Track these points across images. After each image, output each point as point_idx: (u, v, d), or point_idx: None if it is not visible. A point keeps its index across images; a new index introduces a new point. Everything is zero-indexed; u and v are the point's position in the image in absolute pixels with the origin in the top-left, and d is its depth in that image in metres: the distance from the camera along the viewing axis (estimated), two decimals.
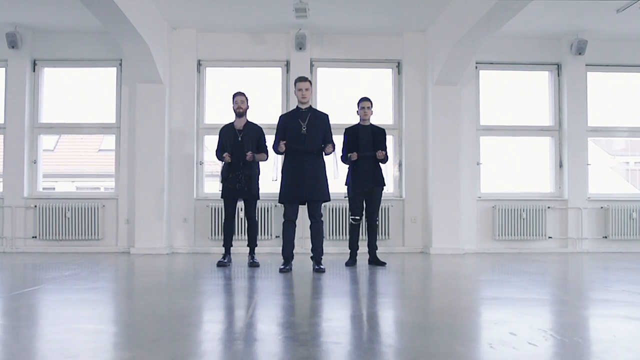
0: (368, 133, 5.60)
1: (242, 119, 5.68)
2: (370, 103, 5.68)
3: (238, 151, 5.54)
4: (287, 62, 7.61)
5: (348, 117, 7.28)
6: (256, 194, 5.61)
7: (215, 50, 7.63)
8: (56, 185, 12.94)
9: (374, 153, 5.49)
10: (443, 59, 6.87)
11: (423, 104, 7.55)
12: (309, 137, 5.00)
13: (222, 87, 7.58)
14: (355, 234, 5.63)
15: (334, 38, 7.64)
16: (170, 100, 7.41)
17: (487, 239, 7.54)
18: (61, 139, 13.18)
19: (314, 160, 5.00)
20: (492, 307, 3.57)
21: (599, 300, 3.82)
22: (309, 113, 5.10)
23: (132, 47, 6.56)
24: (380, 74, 7.85)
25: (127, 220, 7.41)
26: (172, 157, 7.42)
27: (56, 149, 13.51)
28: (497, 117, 7.83)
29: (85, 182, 13.09)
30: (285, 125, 5.10)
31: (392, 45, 7.67)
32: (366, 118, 5.65)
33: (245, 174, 5.53)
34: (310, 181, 4.94)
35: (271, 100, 7.71)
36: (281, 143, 4.97)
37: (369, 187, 5.55)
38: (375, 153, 5.49)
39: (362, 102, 5.67)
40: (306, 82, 5.10)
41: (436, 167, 7.22)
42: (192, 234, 7.43)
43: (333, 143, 5.11)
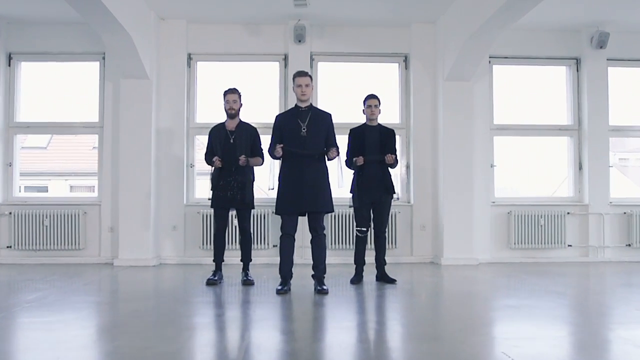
0: (375, 134, 5.02)
1: (234, 119, 5.09)
2: (378, 101, 5.09)
3: (230, 155, 4.95)
4: (285, 55, 7.01)
5: (351, 116, 6.72)
6: (250, 203, 5.01)
7: (207, 43, 7.02)
8: (49, 183, 12.57)
9: (383, 157, 4.91)
10: (455, 52, 6.29)
11: (432, 101, 6.96)
12: (309, 139, 4.41)
13: (215, 83, 6.97)
14: (361, 248, 5.04)
15: (336, 30, 7.05)
16: (157, 98, 6.80)
17: (502, 247, 6.97)
18: (54, 137, 12.59)
19: (315, 165, 4.42)
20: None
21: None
22: (310, 112, 4.51)
23: (114, 39, 5.95)
24: (386, 68, 7.26)
25: (111, 229, 6.81)
26: (160, 159, 6.81)
27: (49, 147, 13.02)
28: (512, 116, 7.25)
29: (80, 180, 12.52)
30: (283, 126, 4.51)
31: (399, 38, 7.08)
32: (373, 118, 5.06)
33: (237, 180, 4.94)
34: (311, 190, 4.36)
35: (268, 97, 7.12)
36: (278, 146, 4.37)
37: (377, 196, 4.96)
38: (383, 157, 4.90)
39: (368, 99, 5.08)
40: (306, 77, 4.51)
41: (447, 170, 6.64)
42: (182, 243, 6.83)
43: (337, 146, 4.52)
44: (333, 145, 4.49)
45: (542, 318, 3.73)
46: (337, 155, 4.47)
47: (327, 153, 4.44)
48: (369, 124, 5.08)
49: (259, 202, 6.16)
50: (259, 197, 6.29)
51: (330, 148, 4.43)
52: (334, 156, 4.45)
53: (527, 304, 4.24)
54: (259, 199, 6.09)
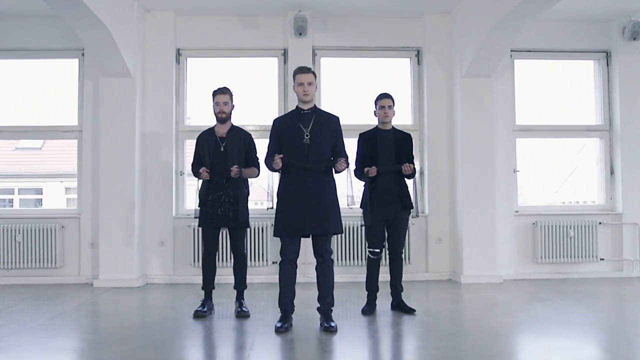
0: (389, 140, 4.31)
1: (225, 123, 4.40)
2: (392, 101, 4.39)
3: (220, 165, 4.26)
4: (284, 50, 6.32)
5: (358, 117, 6.05)
6: (244, 222, 4.31)
7: (198, 37, 6.32)
8: (44, 185, 12.15)
9: (399, 167, 4.21)
10: (475, 45, 5.59)
11: (449, 100, 6.26)
12: (314, 148, 3.71)
13: (206, 81, 6.26)
14: (374, 272, 4.34)
15: (340, 21, 6.34)
16: (142, 98, 6.10)
17: (526, 261, 6.27)
18: None
19: (320, 179, 3.72)
20: None
21: None
22: (314, 116, 3.80)
23: (90, 34, 5.27)
24: (396, 64, 6.55)
25: (92, 244, 6.11)
26: (145, 166, 6.11)
27: (44, 148, 12.51)
28: (535, 116, 6.55)
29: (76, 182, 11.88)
30: (282, 133, 3.81)
31: (411, 30, 6.38)
32: (387, 120, 4.36)
33: (229, 195, 4.24)
34: (316, 208, 3.66)
35: (265, 97, 6.43)
36: (276, 157, 3.67)
37: (392, 212, 4.26)
38: (400, 166, 4.20)
39: (381, 99, 4.37)
40: (309, 74, 3.82)
41: (466, 176, 5.94)
42: (171, 260, 6.13)
43: (346, 156, 3.82)
44: (342, 154, 3.79)
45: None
46: (346, 167, 3.76)
47: (335, 165, 3.74)
48: (381, 128, 4.39)
49: (255, 214, 5.49)
50: (255, 208, 5.63)
51: (338, 158, 3.72)
52: (343, 168, 3.74)
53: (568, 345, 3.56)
54: (255, 209, 5.43)
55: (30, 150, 12.52)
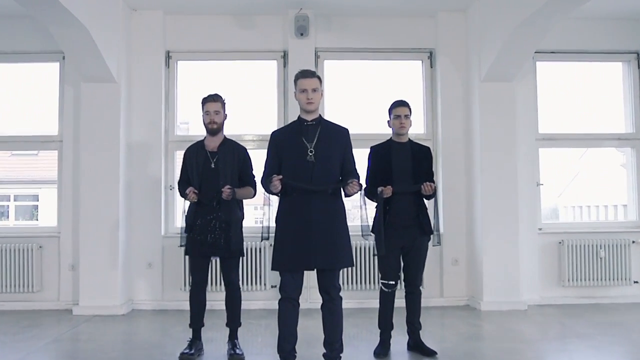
0: (406, 154, 3.73)
1: (216, 136, 3.84)
2: (408, 109, 3.82)
3: (210, 185, 3.69)
4: (284, 52, 5.76)
5: (364, 126, 5.54)
6: (238, 250, 3.73)
7: (189, 39, 5.78)
8: (39, 192, 11.76)
9: (418, 186, 3.63)
10: (496, 47, 5.02)
11: (465, 106, 5.69)
12: (319, 166, 3.14)
13: (199, 86, 5.71)
14: (388, 308, 3.73)
15: (345, 20, 5.79)
16: (128, 105, 5.55)
17: (552, 285, 5.67)
18: None
19: (327, 204, 3.14)
20: None
21: None
22: (319, 128, 3.23)
23: (66, 34, 4.72)
24: (407, 67, 5.99)
25: (72, 266, 5.54)
26: (131, 180, 5.55)
27: (40, 154, 12.01)
28: (560, 124, 5.98)
29: None
30: (282, 148, 3.24)
31: (423, 30, 5.83)
32: (403, 132, 3.78)
33: (221, 219, 3.67)
34: (322, 238, 3.08)
35: (263, 105, 5.87)
36: (274, 178, 3.10)
37: (410, 238, 3.67)
38: (419, 186, 3.62)
39: (396, 108, 3.80)
40: (313, 79, 3.25)
41: (486, 191, 5.36)
42: (159, 283, 5.56)
43: (358, 176, 3.25)
44: (352, 174, 3.21)
45: None
46: (358, 190, 3.18)
47: (345, 187, 3.16)
48: (396, 140, 3.80)
49: (251, 232, 4.90)
50: (251, 226, 5.07)
51: (348, 179, 3.13)
52: (355, 192, 3.15)
53: None
54: (251, 228, 4.87)
55: (26, 157, 12.19)
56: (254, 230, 5.07)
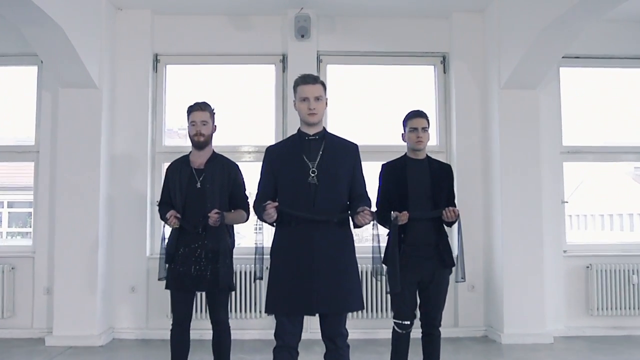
0: (424, 173, 3.21)
1: (203, 151, 3.33)
2: (426, 121, 3.30)
3: (195, 208, 3.18)
4: (283, 56, 5.27)
5: (370, 138, 5.04)
6: (227, 284, 3.20)
7: (180, 41, 5.29)
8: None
9: (439, 212, 3.10)
10: (520, 50, 4.50)
11: (483, 115, 5.17)
12: (323, 190, 2.60)
13: (190, 93, 5.21)
14: (402, 351, 3.18)
15: (350, 22, 5.31)
16: (111, 113, 5.05)
17: (578, 313, 5.11)
18: None
19: (332, 236, 2.60)
20: None
21: None
22: (323, 143, 2.71)
23: (39, 34, 4.24)
24: (417, 73, 5.49)
25: (47, 290, 5.01)
26: (113, 195, 5.04)
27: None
28: (585, 135, 5.46)
29: None
30: (278, 168, 2.70)
31: (436, 32, 5.33)
32: (420, 147, 3.26)
33: (207, 248, 3.16)
34: (326, 278, 2.54)
35: (260, 113, 5.38)
36: (268, 205, 2.55)
37: (429, 272, 3.13)
38: (440, 212, 3.10)
39: (413, 119, 3.27)
40: (316, 85, 2.73)
41: (507, 209, 4.82)
42: (144, 310, 5.02)
43: (369, 201, 2.72)
44: (363, 199, 2.66)
45: None
46: (372, 220, 2.63)
47: (354, 216, 2.62)
48: (412, 157, 3.28)
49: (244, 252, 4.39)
50: (244, 247, 4.57)
51: (358, 206, 2.59)
52: (366, 222, 2.60)
53: None
54: (243, 248, 4.36)
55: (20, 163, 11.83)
56: (247, 251, 4.56)
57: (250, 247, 4.53)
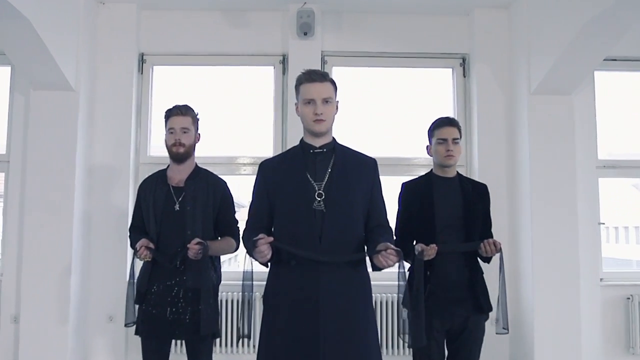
0: (454, 195, 2.64)
1: (184, 165, 2.76)
2: (458, 131, 2.74)
3: (172, 236, 2.62)
4: (283, 57, 4.72)
5: (379, 149, 4.48)
6: (211, 330, 2.61)
7: (169, 39, 4.75)
8: None
9: (476, 244, 2.52)
10: (556, 50, 3.90)
11: (509, 125, 4.58)
12: (332, 219, 2.02)
13: (178, 97, 4.62)
14: None
15: (359, 19, 4.75)
16: (89, 119, 4.51)
17: (616, 351, 4.49)
18: None
19: (344, 280, 2.02)
20: None
21: None
22: (332, 158, 2.15)
23: (4, 28, 3.69)
24: (433, 76, 4.92)
25: (15, 318, 4.44)
26: (91, 211, 4.48)
27: None
28: (622, 147, 4.86)
29: None
30: (276, 189, 2.14)
31: (454, 31, 4.77)
32: (450, 163, 2.69)
33: (186, 287, 2.58)
34: (335, 334, 1.96)
35: (258, 121, 4.82)
36: (261, 242, 1.95)
37: (460, 318, 2.55)
38: (478, 244, 2.52)
39: (441, 128, 2.71)
40: (324, 83, 2.18)
41: (539, 232, 4.21)
42: (122, 341, 4.44)
43: (391, 233, 2.13)
44: (384, 232, 2.09)
45: None
46: (398, 261, 2.02)
47: (375, 256, 2.00)
48: (439, 175, 2.70)
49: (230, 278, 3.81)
50: (231, 270, 4.01)
51: (378, 241, 1.99)
52: (391, 264, 2.00)
53: None
54: (230, 272, 3.80)
55: None
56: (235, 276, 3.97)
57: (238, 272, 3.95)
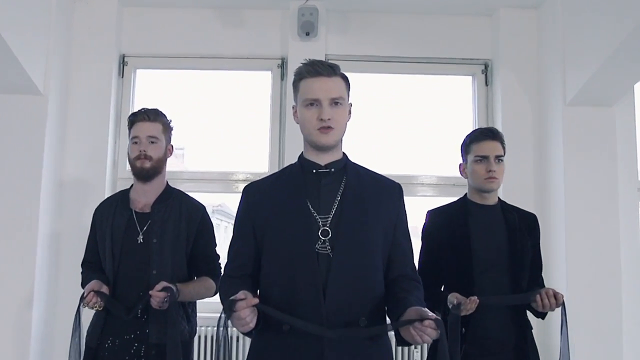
0: (497, 228, 2.10)
1: (151, 184, 2.22)
2: (502, 146, 2.19)
3: (134, 276, 2.10)
4: (282, 60, 4.20)
5: (389, 167, 3.95)
6: None
7: (154, 40, 4.24)
8: None
9: (530, 297, 1.96)
10: (598, 56, 3.35)
11: (539, 140, 4.03)
12: (341, 267, 1.44)
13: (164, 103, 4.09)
14: None
15: (367, 19, 4.24)
16: (60, 127, 3.97)
17: None
18: None
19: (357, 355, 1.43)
20: None
21: None
22: (343, 181, 1.59)
23: None
24: (451, 84, 4.38)
25: None
26: (60, 233, 3.92)
27: None
28: None
29: None
30: (263, 225, 1.56)
31: (475, 33, 4.25)
32: (492, 187, 2.14)
33: (149, 341, 2.05)
34: None
35: (251, 135, 4.30)
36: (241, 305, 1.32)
37: None
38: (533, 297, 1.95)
39: (482, 142, 2.19)
40: (333, 77, 1.62)
41: (575, 264, 3.64)
42: None
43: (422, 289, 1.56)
44: (412, 286, 1.52)
45: None
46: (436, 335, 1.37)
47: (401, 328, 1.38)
48: (476, 201, 2.16)
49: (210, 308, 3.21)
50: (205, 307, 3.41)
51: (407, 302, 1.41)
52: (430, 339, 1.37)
53: None
54: (204, 312, 3.19)
55: None
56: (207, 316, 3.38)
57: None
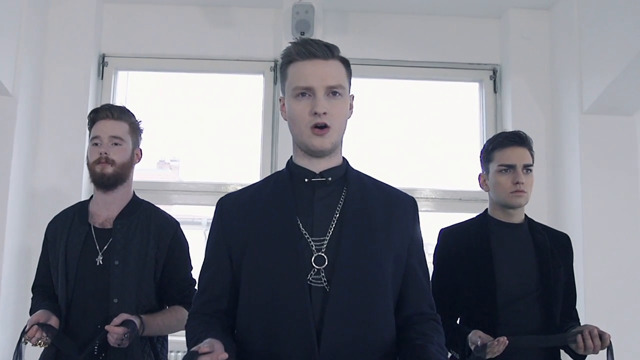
0: (526, 251, 1.81)
1: (113, 194, 1.89)
2: (531, 155, 1.94)
3: (90, 306, 1.74)
4: (275, 62, 3.90)
5: (390, 178, 3.66)
6: None
7: (136, 39, 3.93)
8: None
9: (570, 338, 1.66)
10: (619, 61, 3.08)
11: (553, 150, 3.75)
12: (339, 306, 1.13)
13: (148, 108, 3.79)
14: None
15: (368, 20, 3.97)
16: (31, 131, 3.64)
17: None
18: None
19: None
20: None
21: None
22: (343, 192, 1.27)
23: None
24: (457, 90, 4.10)
25: None
26: (31, 249, 3.56)
27: None
28: None
29: None
30: (241, 249, 1.22)
31: (483, 36, 3.98)
32: (521, 202, 1.88)
33: None
34: None
35: (240, 141, 3.99)
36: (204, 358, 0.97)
37: None
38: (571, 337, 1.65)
39: (507, 149, 1.96)
40: (330, 60, 1.40)
41: (593, 287, 3.34)
42: None
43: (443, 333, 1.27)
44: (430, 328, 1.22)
45: None
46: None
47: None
48: (499, 219, 1.91)
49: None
50: None
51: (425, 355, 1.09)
52: None
53: None
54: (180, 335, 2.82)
55: None
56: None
57: None
